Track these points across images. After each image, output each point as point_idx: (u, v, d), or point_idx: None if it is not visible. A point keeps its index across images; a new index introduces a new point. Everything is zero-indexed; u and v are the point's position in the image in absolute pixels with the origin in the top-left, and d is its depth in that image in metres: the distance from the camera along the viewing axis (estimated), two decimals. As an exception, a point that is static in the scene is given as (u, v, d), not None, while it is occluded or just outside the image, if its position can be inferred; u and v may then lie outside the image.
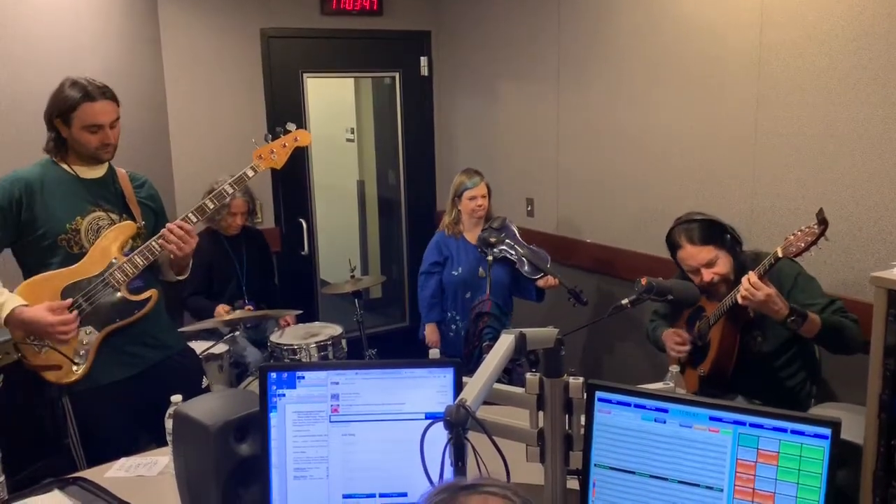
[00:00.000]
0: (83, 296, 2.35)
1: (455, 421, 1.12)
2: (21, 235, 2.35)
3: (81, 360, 2.36)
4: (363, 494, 1.55)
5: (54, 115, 2.37)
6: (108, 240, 2.42)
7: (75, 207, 2.39)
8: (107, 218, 2.44)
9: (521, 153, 4.30)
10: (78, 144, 2.38)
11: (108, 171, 2.50)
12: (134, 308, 2.45)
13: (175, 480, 1.73)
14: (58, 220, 2.36)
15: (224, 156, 4.30)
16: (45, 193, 2.36)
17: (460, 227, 3.60)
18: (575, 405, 1.53)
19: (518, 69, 4.24)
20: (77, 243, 2.38)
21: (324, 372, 1.55)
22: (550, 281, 3.33)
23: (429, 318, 3.64)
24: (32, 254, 2.38)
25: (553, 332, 1.52)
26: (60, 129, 2.37)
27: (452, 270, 3.56)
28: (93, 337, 2.38)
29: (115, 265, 2.39)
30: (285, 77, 4.57)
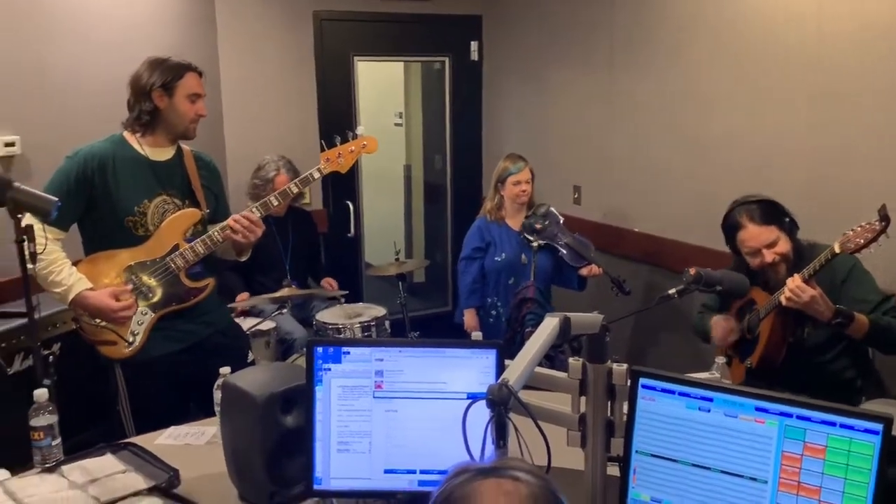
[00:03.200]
0: (143, 277, 2.42)
1: (497, 399, 1.13)
2: (89, 211, 2.41)
3: (134, 338, 2.44)
4: (404, 470, 1.57)
5: (156, 85, 2.42)
6: (172, 225, 2.48)
7: (144, 190, 2.45)
8: (172, 203, 2.50)
9: (569, 140, 4.27)
10: (176, 115, 2.45)
11: (175, 154, 2.56)
12: (190, 294, 2.52)
13: (221, 449, 1.78)
14: (127, 202, 2.42)
15: (274, 137, 4.36)
16: (117, 173, 2.41)
17: (503, 213, 3.59)
18: (618, 391, 1.52)
19: (569, 55, 4.20)
20: (143, 226, 2.44)
21: (369, 348, 1.58)
22: (594, 269, 3.31)
23: (468, 303, 3.63)
24: (97, 230, 2.45)
25: (598, 317, 1.51)
26: (159, 100, 2.43)
27: (495, 256, 3.55)
28: (147, 317, 2.46)
29: (178, 251, 2.46)
30: (336, 60, 4.61)
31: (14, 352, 2.63)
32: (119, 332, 2.41)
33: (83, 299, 2.34)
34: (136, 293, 2.42)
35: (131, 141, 2.49)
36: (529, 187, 3.53)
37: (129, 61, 3.40)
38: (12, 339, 2.63)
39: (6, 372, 2.57)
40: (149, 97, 2.44)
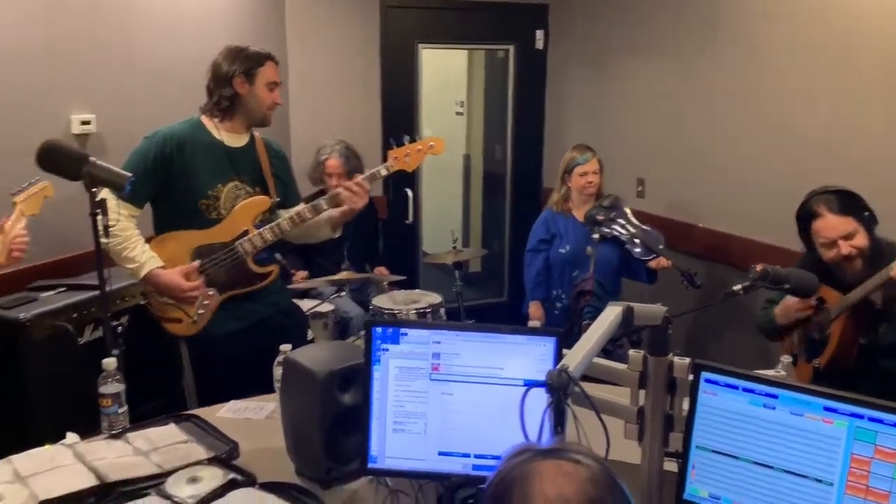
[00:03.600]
0: (211, 260, 2.50)
1: (556, 385, 1.12)
2: (163, 191, 2.48)
3: (200, 317, 2.52)
4: (458, 453, 1.57)
5: (238, 72, 2.49)
6: (243, 210, 2.55)
7: (218, 175, 2.52)
8: (244, 189, 2.57)
9: (634, 131, 4.19)
10: (255, 102, 2.52)
11: (249, 141, 2.62)
12: (255, 279, 2.59)
13: (280, 425, 1.82)
14: (201, 185, 2.49)
15: (338, 123, 4.41)
16: (193, 156, 2.48)
17: (569, 205, 3.55)
18: (678, 385, 1.49)
19: (637, 44, 4.12)
20: (215, 209, 2.51)
21: (426, 331, 1.58)
22: (662, 262, 3.25)
23: (533, 295, 3.61)
24: (170, 210, 2.53)
25: (661, 309, 1.48)
26: (240, 86, 2.50)
27: (559, 248, 3.51)
28: (213, 299, 2.53)
29: (246, 236, 2.52)
30: (401, 48, 4.62)
31: (85, 323, 2.73)
32: (185, 311, 2.49)
33: (154, 277, 2.43)
34: (204, 274, 2.49)
35: (209, 125, 2.55)
36: (597, 178, 3.48)
37: (201, 46, 3.49)
38: (83, 310, 2.73)
39: (77, 342, 2.68)
40: (230, 84, 2.50)
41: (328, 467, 1.66)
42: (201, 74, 2.60)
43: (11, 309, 2.60)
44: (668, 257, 3.21)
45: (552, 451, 0.85)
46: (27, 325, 2.55)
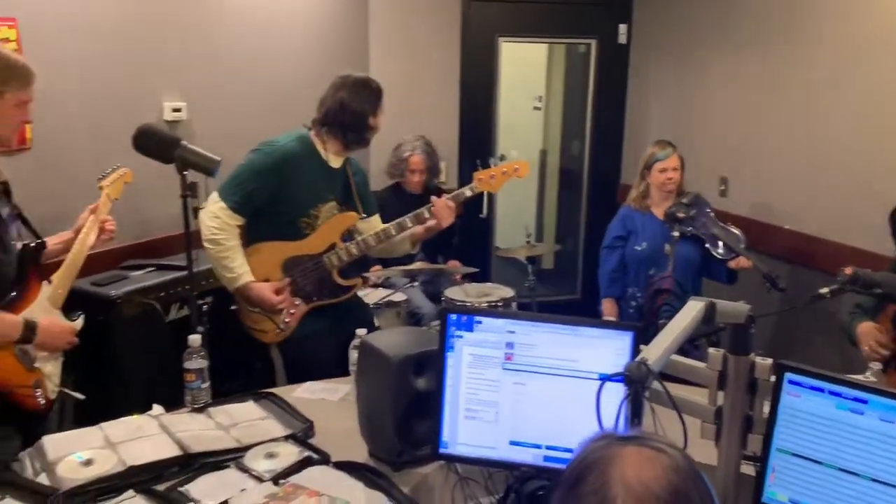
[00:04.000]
0: (300, 271, 2.58)
1: (635, 377, 1.10)
2: (268, 204, 2.55)
3: (286, 326, 2.62)
4: (530, 444, 1.57)
5: (373, 112, 2.60)
6: (331, 225, 2.63)
7: (320, 195, 2.61)
8: (337, 207, 2.66)
9: (718, 129, 4.08)
10: (374, 131, 2.64)
11: (344, 161, 2.70)
12: (340, 291, 2.67)
13: (353, 407, 1.86)
14: (303, 204, 2.59)
15: (416, 117, 4.45)
16: (302, 175, 2.56)
17: (648, 202, 3.47)
18: (760, 386, 1.45)
19: (724, 38, 4.00)
20: (312, 227, 2.60)
21: (501, 320, 1.58)
22: (743, 262, 3.15)
23: (608, 292, 3.54)
24: (269, 223, 2.60)
25: (744, 307, 1.44)
26: (374, 122, 2.61)
27: (636, 245, 3.44)
28: (300, 308, 2.63)
29: (334, 250, 2.60)
30: (481, 41, 4.63)
31: (171, 301, 2.85)
32: (274, 320, 2.60)
33: (247, 290, 2.53)
34: (293, 286, 2.59)
35: (318, 145, 2.62)
36: (677, 175, 3.39)
37: (285, 41, 3.59)
38: (170, 289, 2.85)
39: (164, 319, 2.80)
40: (365, 122, 2.59)
41: (400, 450, 1.69)
42: (285, 68, 2.68)
43: (104, 286, 2.74)
44: (750, 258, 3.11)
45: (633, 438, 0.84)
46: (118, 302, 2.68)
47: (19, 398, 1.99)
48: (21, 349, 1.99)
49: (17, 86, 1.94)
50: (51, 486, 1.58)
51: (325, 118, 2.59)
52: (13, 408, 1.98)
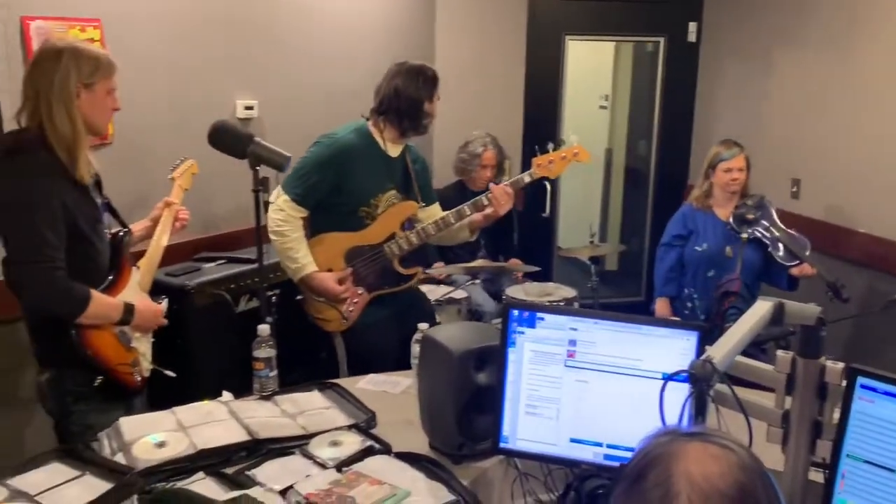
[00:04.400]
0: (362, 261, 2.63)
1: (700, 376, 1.09)
2: (330, 195, 2.62)
3: (350, 314, 2.67)
4: (590, 441, 1.57)
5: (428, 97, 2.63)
6: (391, 214, 2.68)
7: (379, 185, 2.65)
8: (396, 196, 2.69)
9: (791, 129, 3.96)
10: (431, 118, 2.66)
11: (402, 149, 2.73)
12: (401, 280, 2.71)
13: (415, 401, 1.88)
14: (364, 194, 2.63)
15: (481, 114, 4.46)
16: (361, 166, 2.61)
17: (711, 202, 3.39)
18: (830, 390, 1.41)
19: (799, 34, 3.88)
20: (372, 216, 2.65)
21: (564, 317, 1.58)
22: (806, 269, 3.05)
23: (662, 291, 3.48)
24: (331, 213, 2.66)
25: (815, 308, 1.41)
26: (429, 108, 2.63)
27: (696, 246, 3.37)
28: (363, 298, 2.68)
29: (394, 239, 2.64)
30: (547, 39, 4.61)
31: (241, 293, 2.95)
32: (337, 309, 2.65)
33: (310, 279, 2.60)
34: (355, 276, 2.64)
35: (375, 135, 2.66)
36: (742, 176, 3.30)
37: (354, 40, 3.65)
38: (240, 281, 2.95)
39: (234, 310, 2.89)
40: (421, 108, 2.61)
41: (460, 443, 1.71)
42: (353, 65, 2.73)
43: (178, 276, 2.85)
44: (814, 265, 3.02)
45: (698, 434, 0.82)
46: (191, 292, 2.79)
47: (120, 375, 2.11)
48: (120, 330, 2.12)
49: (104, 74, 2.03)
50: (127, 466, 1.66)
51: (381, 106, 2.63)
52: (114, 385, 2.10)
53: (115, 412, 2.06)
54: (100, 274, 2.10)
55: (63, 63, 1.96)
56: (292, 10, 3.50)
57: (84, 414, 2.05)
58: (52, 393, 2.06)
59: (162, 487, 1.57)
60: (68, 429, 2.07)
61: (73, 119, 1.96)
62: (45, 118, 1.95)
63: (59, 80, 1.95)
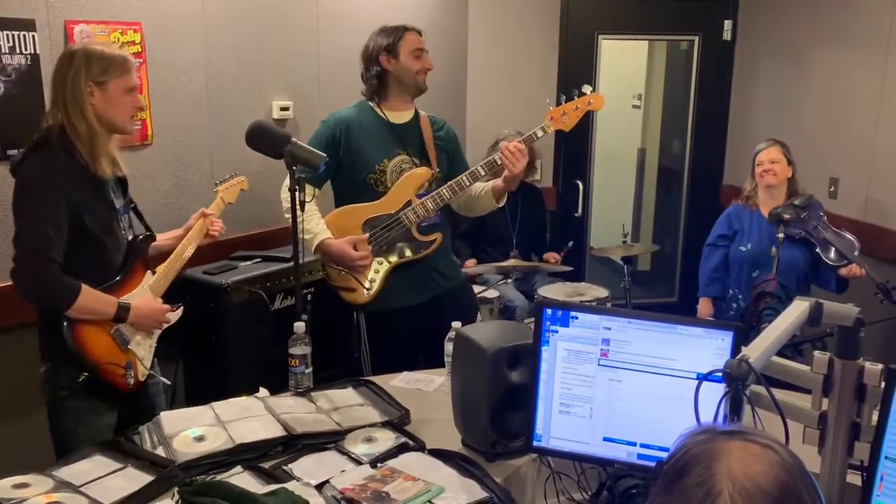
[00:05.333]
0: (379, 230, 2.65)
1: (735, 375, 1.09)
2: (337, 169, 2.69)
3: (372, 285, 2.68)
4: (624, 441, 1.57)
5: (381, 51, 2.65)
6: (405, 182, 2.68)
7: (384, 150, 2.68)
8: (409, 161, 2.70)
9: (829, 127, 3.90)
10: (404, 73, 2.66)
11: (413, 117, 2.75)
12: (421, 247, 2.71)
13: (447, 398, 1.90)
14: (368, 161, 2.66)
15: (513, 113, 4.45)
16: (360, 134, 2.67)
17: (756, 200, 3.35)
18: (868, 392, 1.40)
19: (838, 32, 3.82)
20: (382, 182, 2.67)
21: (597, 315, 1.59)
22: (856, 270, 3.00)
23: (706, 292, 3.45)
24: (344, 186, 2.73)
25: (853, 309, 1.40)
26: (386, 63, 2.65)
27: (740, 245, 3.33)
28: (384, 267, 2.68)
29: (410, 206, 2.65)
30: (580, 38, 4.59)
31: (276, 291, 2.99)
32: (359, 279, 2.66)
33: (325, 246, 2.62)
34: (373, 244, 2.65)
35: (373, 107, 2.72)
36: (775, 168, 3.25)
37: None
38: (276, 280, 2.99)
39: (269, 308, 2.94)
40: (377, 62, 2.65)
41: (494, 441, 1.72)
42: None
43: (216, 275, 2.90)
44: (863, 265, 2.96)
45: (738, 433, 0.82)
46: (227, 290, 2.84)
47: (109, 375, 2.10)
48: (117, 330, 2.11)
49: (117, 73, 2.05)
50: (167, 459, 1.70)
51: (362, 79, 2.72)
52: (103, 384, 2.10)
53: (106, 414, 2.11)
54: (108, 273, 2.12)
55: (74, 64, 2.01)
56: (326, 11, 3.53)
57: (75, 410, 2.07)
58: (48, 385, 2.09)
59: (202, 480, 1.60)
60: (62, 424, 2.09)
61: (87, 117, 2.01)
62: (63, 118, 2.01)
63: (70, 80, 2.01)
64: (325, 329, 2.75)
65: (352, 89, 3.58)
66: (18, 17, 2.46)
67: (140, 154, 2.88)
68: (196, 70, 3.04)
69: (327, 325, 2.79)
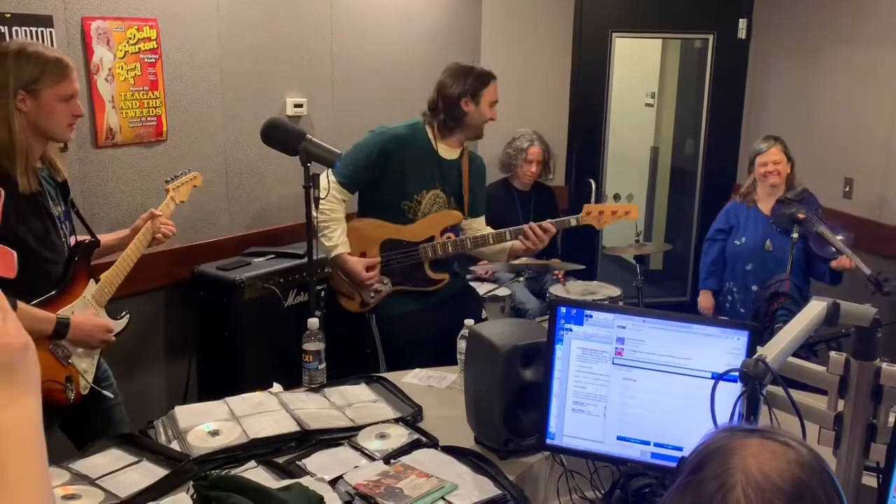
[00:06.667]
0: (395, 254, 2.67)
1: (752, 374, 1.09)
2: (375, 183, 2.68)
3: (371, 300, 2.72)
4: (638, 440, 1.57)
5: (467, 94, 2.63)
6: (436, 219, 2.71)
7: (424, 182, 2.69)
8: (443, 197, 2.72)
9: (844, 127, 3.87)
10: (478, 120, 2.67)
11: (460, 154, 2.76)
12: (428, 283, 2.75)
13: (459, 395, 1.91)
14: (408, 188, 2.67)
15: (526, 111, 4.45)
16: (410, 159, 2.65)
17: (754, 196, 3.42)
18: (885, 393, 1.39)
19: (852, 31, 3.79)
20: (413, 210, 2.69)
21: (612, 314, 1.58)
22: (845, 262, 3.03)
23: (705, 284, 3.57)
24: (375, 201, 2.72)
25: (871, 310, 1.39)
26: (465, 107, 2.64)
27: (735, 240, 3.42)
28: (387, 287, 2.73)
29: (432, 242, 2.67)
30: (594, 36, 4.57)
31: (290, 287, 3.00)
32: (361, 294, 2.71)
33: (342, 260, 2.65)
34: (385, 266, 2.68)
35: (429, 133, 2.70)
36: (779, 168, 3.31)
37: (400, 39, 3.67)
38: (289, 276, 3.00)
39: (283, 304, 2.95)
40: (457, 105, 2.63)
41: (506, 438, 1.72)
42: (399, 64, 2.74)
43: (230, 271, 2.92)
44: (853, 258, 2.99)
45: (758, 431, 0.82)
46: (241, 286, 2.85)
47: (46, 391, 1.96)
48: (55, 344, 2.02)
49: (52, 81, 1.90)
50: (182, 453, 1.71)
51: (430, 104, 2.69)
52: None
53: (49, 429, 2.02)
54: (47, 285, 2.01)
55: (6, 67, 1.86)
56: (340, 9, 3.54)
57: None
58: None
59: (216, 474, 1.61)
60: None
61: (10, 126, 1.86)
62: None
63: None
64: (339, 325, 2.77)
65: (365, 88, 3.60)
66: (36, 14, 2.48)
67: (154, 150, 2.90)
68: (211, 66, 3.05)
69: (341, 321, 2.81)
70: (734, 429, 0.84)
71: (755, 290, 3.33)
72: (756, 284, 3.32)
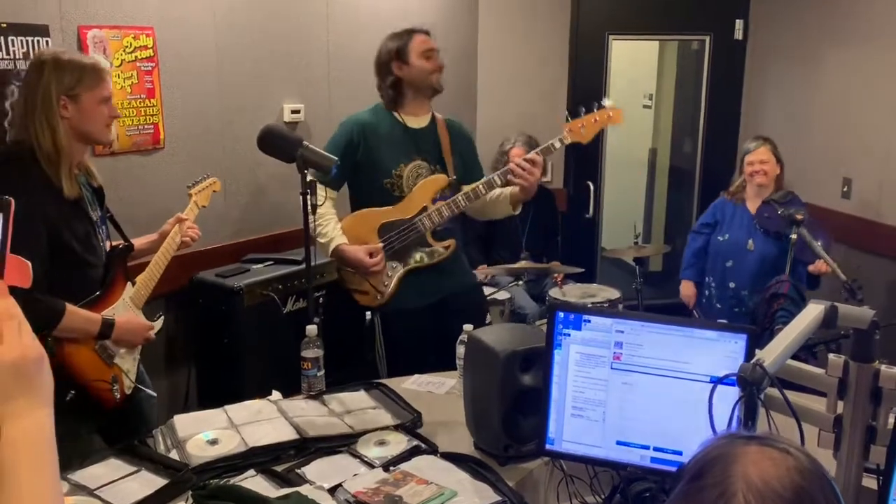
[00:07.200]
0: (395, 235, 2.65)
1: (750, 379, 1.09)
2: (354, 173, 2.69)
3: (385, 288, 2.69)
4: (637, 444, 1.56)
5: (392, 58, 2.64)
6: (422, 189, 2.68)
7: (401, 155, 2.68)
8: (425, 167, 2.70)
9: (842, 128, 3.87)
10: (417, 76, 2.65)
11: (430, 122, 2.75)
12: (435, 253, 2.71)
13: (459, 400, 1.90)
14: (385, 165, 2.66)
15: (523, 114, 4.46)
16: (377, 138, 2.66)
17: (743, 194, 3.48)
18: (884, 395, 1.39)
19: (849, 32, 3.79)
20: (398, 188, 2.67)
21: (610, 319, 1.58)
22: (821, 266, 3.05)
23: (684, 274, 3.68)
24: (361, 190, 2.73)
25: (869, 312, 1.39)
26: (398, 70, 2.64)
27: (718, 235, 3.50)
28: (397, 271, 2.69)
29: (426, 212, 2.65)
30: (591, 38, 4.58)
31: (289, 294, 3.00)
32: (372, 283, 2.67)
33: (341, 252, 2.63)
34: (388, 249, 2.66)
35: (392, 111, 2.72)
36: (765, 168, 3.36)
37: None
38: (288, 282, 3.01)
39: (281, 310, 2.95)
40: (390, 72, 2.65)
41: (506, 444, 1.72)
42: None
43: (228, 277, 2.92)
44: (830, 263, 2.99)
45: (758, 438, 0.82)
46: (240, 293, 2.85)
47: (95, 391, 2.07)
48: (101, 345, 2.08)
49: (90, 85, 1.97)
50: (181, 462, 1.71)
51: (378, 89, 2.72)
52: (89, 400, 2.06)
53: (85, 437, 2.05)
54: (89, 288, 2.07)
55: (45, 76, 1.93)
56: (337, 15, 3.54)
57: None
58: None
59: (215, 483, 1.61)
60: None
61: (55, 132, 1.92)
62: (30, 132, 1.92)
63: (41, 93, 1.92)
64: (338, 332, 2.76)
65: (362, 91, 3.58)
66: (32, 23, 2.48)
67: (152, 158, 2.90)
68: (208, 74, 3.05)
69: (339, 327, 2.80)
70: (734, 436, 0.84)
71: (732, 287, 3.41)
72: (734, 282, 3.39)
